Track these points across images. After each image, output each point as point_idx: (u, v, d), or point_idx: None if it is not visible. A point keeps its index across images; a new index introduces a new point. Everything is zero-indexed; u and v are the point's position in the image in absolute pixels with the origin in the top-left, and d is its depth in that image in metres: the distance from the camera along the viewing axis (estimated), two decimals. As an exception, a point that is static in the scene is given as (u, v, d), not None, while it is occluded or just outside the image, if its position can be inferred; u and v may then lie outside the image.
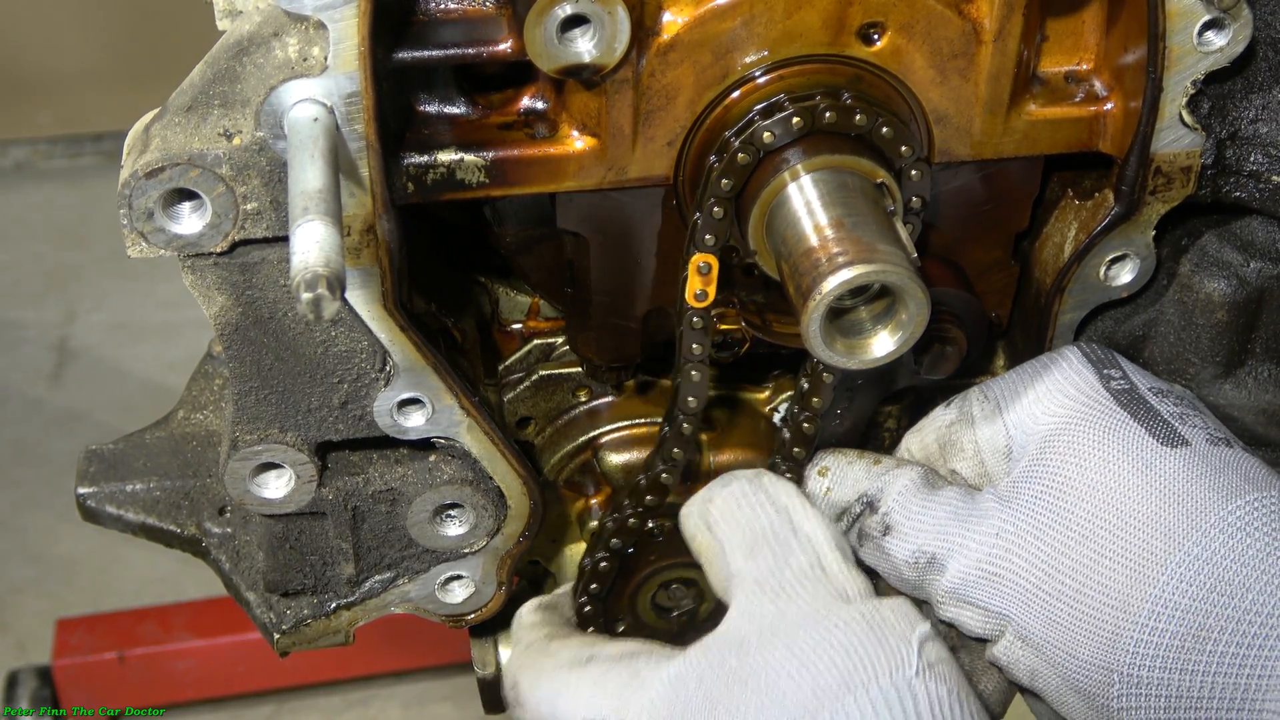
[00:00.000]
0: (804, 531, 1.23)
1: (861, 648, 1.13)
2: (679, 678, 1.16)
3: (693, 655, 1.18)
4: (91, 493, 1.45)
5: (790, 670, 1.12)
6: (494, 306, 1.48)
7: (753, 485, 1.26)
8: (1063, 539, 1.21)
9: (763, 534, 1.23)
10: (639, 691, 1.18)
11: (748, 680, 1.13)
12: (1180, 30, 1.20)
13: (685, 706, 1.14)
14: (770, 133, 1.18)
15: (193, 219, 1.15)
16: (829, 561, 1.21)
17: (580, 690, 1.22)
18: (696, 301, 1.24)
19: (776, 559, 1.21)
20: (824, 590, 1.19)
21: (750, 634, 1.17)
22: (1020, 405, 1.29)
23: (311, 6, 1.09)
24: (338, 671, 3.66)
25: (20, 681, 3.59)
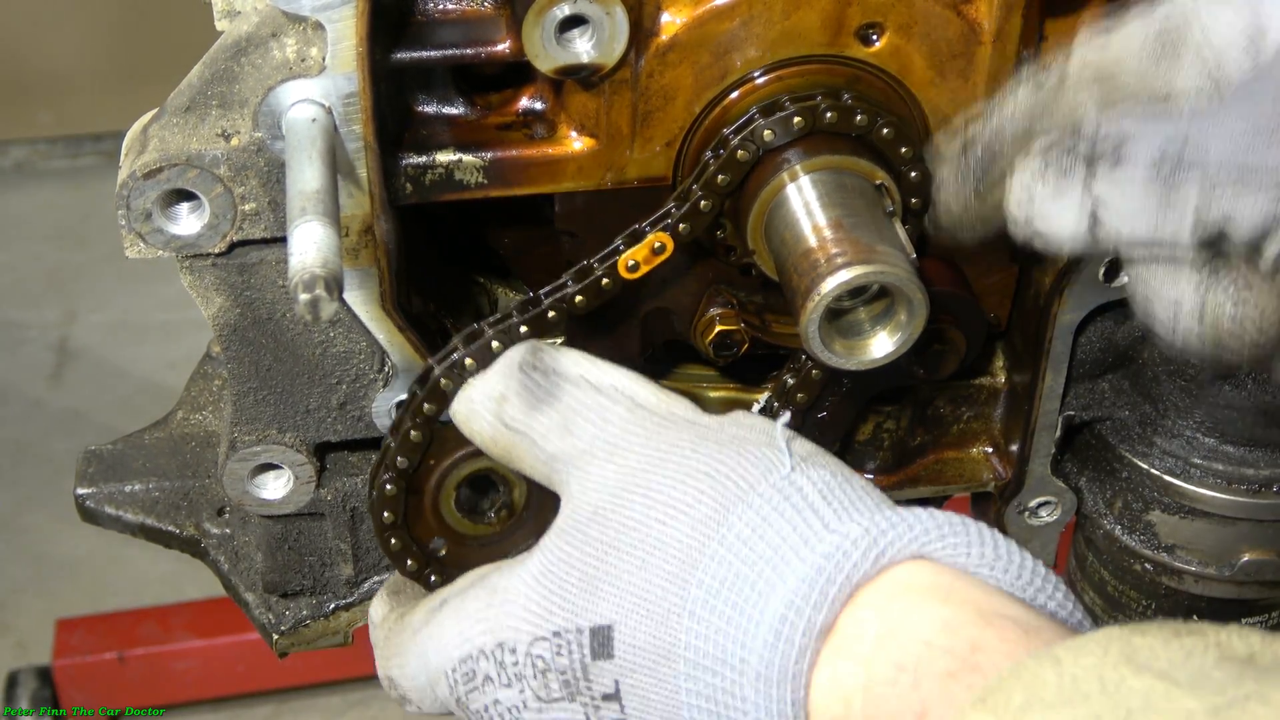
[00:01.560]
0: (606, 384, 1.11)
1: (723, 465, 1.02)
2: (544, 571, 1.06)
3: (549, 544, 1.07)
4: (90, 493, 1.45)
5: (658, 515, 1.02)
6: (493, 307, 1.48)
7: (535, 368, 1.13)
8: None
9: (570, 410, 1.10)
10: (505, 604, 1.07)
11: (618, 544, 1.03)
12: (1179, 30, 1.20)
13: (561, 596, 1.04)
14: (771, 131, 1.18)
15: (191, 220, 1.15)
16: (644, 398, 1.10)
17: (443, 635, 1.11)
18: (627, 271, 1.20)
19: (593, 423, 1.09)
20: (655, 426, 1.08)
21: (601, 501, 1.06)
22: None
23: (309, 7, 1.09)
24: (338, 671, 3.66)
25: (20, 681, 3.59)
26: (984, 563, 0.96)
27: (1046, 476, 1.44)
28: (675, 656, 0.99)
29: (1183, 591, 1.44)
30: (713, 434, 1.06)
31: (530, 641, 1.05)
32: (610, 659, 1.01)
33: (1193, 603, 1.44)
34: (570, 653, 1.03)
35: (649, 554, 1.02)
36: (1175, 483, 1.40)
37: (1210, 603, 1.44)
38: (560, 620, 1.04)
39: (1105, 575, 1.47)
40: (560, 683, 1.04)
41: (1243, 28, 1.04)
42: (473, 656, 1.09)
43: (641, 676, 1.00)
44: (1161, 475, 1.41)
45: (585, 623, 1.03)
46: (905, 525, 0.97)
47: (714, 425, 1.08)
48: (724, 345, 1.32)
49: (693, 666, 0.98)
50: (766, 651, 0.95)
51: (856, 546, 0.96)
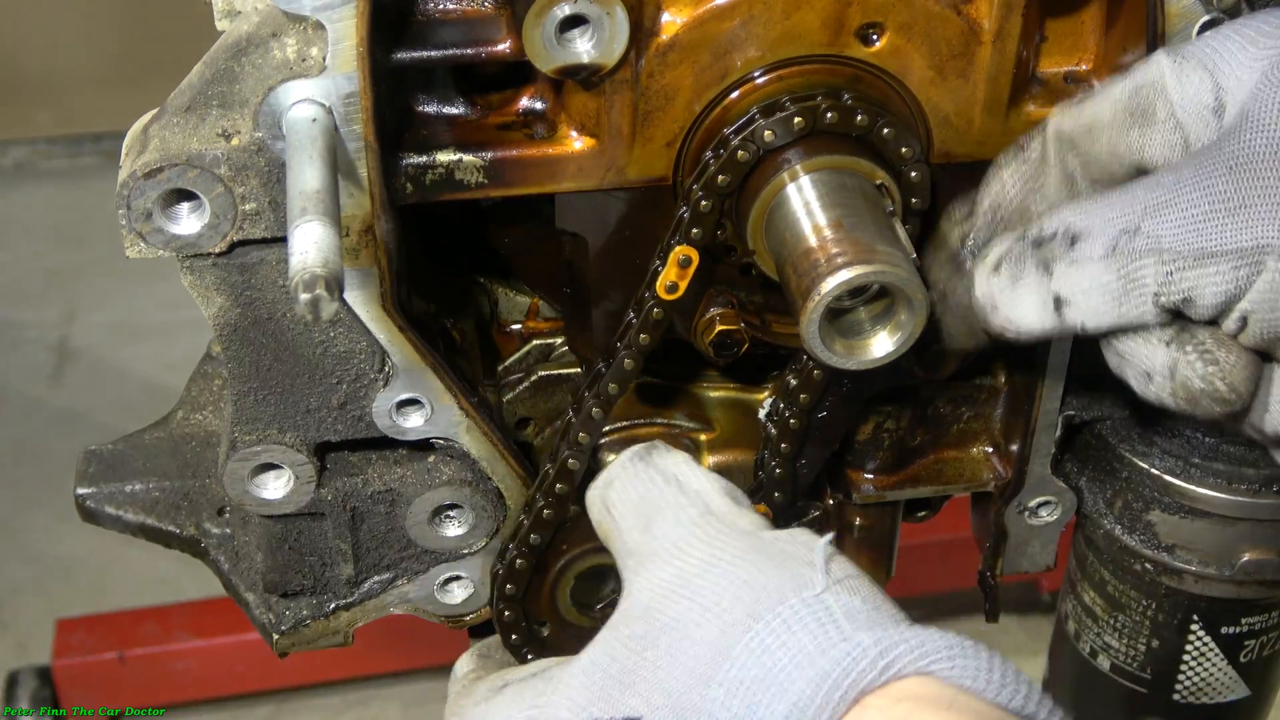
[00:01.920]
0: (692, 489, 1.19)
1: (762, 576, 1.08)
2: (591, 664, 1.13)
3: (601, 639, 1.14)
4: (90, 493, 1.45)
5: (694, 617, 1.09)
6: (493, 307, 1.48)
7: (643, 461, 1.23)
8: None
9: (654, 506, 1.19)
10: (555, 692, 1.14)
11: (658, 640, 1.09)
12: (1180, 31, 1.20)
13: (602, 687, 1.10)
14: (771, 131, 1.18)
15: (191, 219, 1.15)
16: (717, 505, 1.17)
17: (497, 714, 1.18)
18: (666, 294, 1.24)
19: (668, 523, 1.17)
20: (716, 533, 1.15)
21: (652, 599, 1.13)
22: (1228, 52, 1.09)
23: (310, 7, 1.09)
24: (338, 671, 3.66)
25: (20, 681, 3.59)
26: (990, 685, 1.00)
27: (1047, 476, 1.44)
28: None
29: (1183, 591, 1.44)
30: (764, 546, 1.12)
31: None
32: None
33: (1193, 603, 1.44)
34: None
35: (681, 652, 1.07)
36: (1175, 482, 1.40)
37: (1210, 603, 1.44)
38: (598, 709, 1.09)
39: (1105, 575, 1.47)
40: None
41: (1208, 97, 1.09)
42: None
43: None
44: (1161, 475, 1.41)
45: (619, 713, 1.08)
46: (916, 641, 1.00)
47: (768, 539, 1.13)
48: (724, 345, 1.32)
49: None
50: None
51: (866, 655, 1.00)
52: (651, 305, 1.25)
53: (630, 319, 1.26)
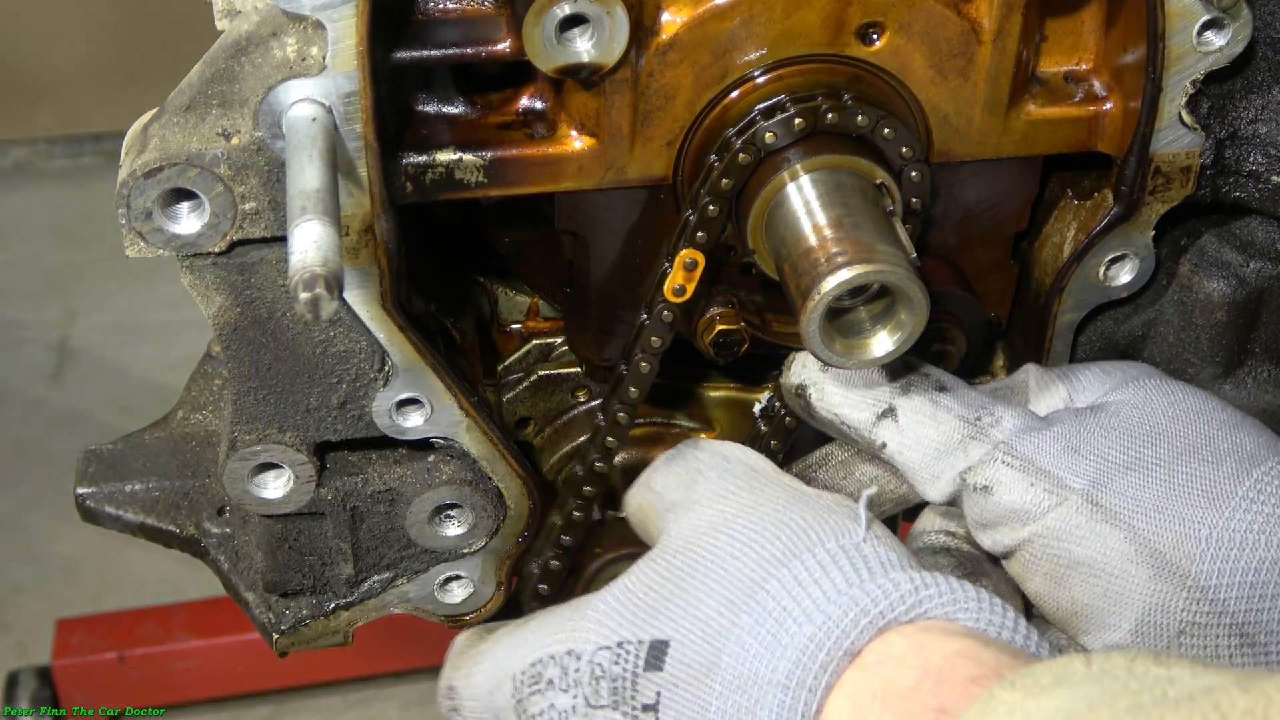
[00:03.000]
0: (735, 456, 1.22)
1: (803, 521, 1.11)
2: (625, 591, 1.14)
3: (637, 567, 1.16)
4: (90, 493, 1.45)
5: (734, 551, 1.11)
6: (493, 307, 1.48)
7: (688, 446, 1.26)
8: (1146, 433, 1.21)
9: (697, 472, 1.22)
10: (584, 619, 1.15)
11: (694, 572, 1.11)
12: (1179, 30, 1.20)
13: (634, 613, 1.12)
14: (772, 133, 1.18)
15: (191, 219, 1.15)
16: (761, 466, 1.21)
17: (520, 643, 1.19)
18: (674, 296, 1.25)
19: (710, 480, 1.20)
20: (760, 484, 1.18)
21: (692, 536, 1.15)
22: (1079, 372, 1.30)
23: (310, 6, 1.09)
24: (338, 671, 3.65)
25: (20, 681, 3.59)
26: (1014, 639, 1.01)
27: (1046, 476, 1.44)
28: (715, 676, 1.05)
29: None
30: (807, 499, 1.14)
31: (595, 650, 1.12)
32: (659, 671, 1.08)
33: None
34: (626, 662, 1.10)
35: (716, 581, 1.09)
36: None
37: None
38: (626, 632, 1.11)
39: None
40: (609, 689, 1.10)
41: (1062, 400, 1.27)
42: (543, 661, 1.15)
43: (681, 691, 1.06)
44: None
45: (647, 635, 1.10)
46: (948, 587, 1.02)
47: (812, 494, 1.16)
48: (724, 345, 1.32)
49: (725, 685, 1.04)
50: (790, 668, 1.01)
51: (898, 589, 1.02)
52: (661, 308, 1.25)
53: (644, 321, 1.26)
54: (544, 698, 1.14)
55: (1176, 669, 0.85)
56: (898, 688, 0.97)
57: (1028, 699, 0.87)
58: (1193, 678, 0.84)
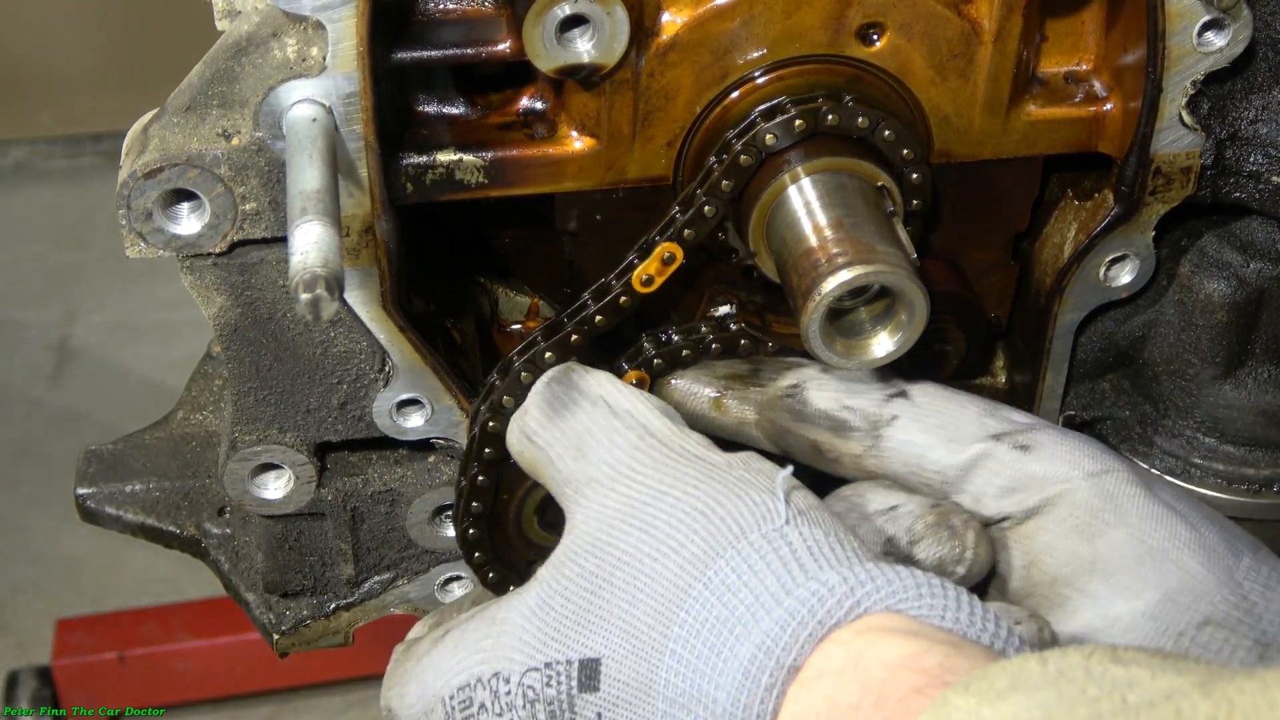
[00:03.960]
0: (623, 409, 1.14)
1: (720, 507, 1.04)
2: (540, 603, 1.09)
3: (546, 576, 1.10)
4: (90, 493, 1.45)
5: (650, 551, 1.05)
6: (493, 307, 1.48)
7: (561, 384, 1.18)
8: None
9: (584, 430, 1.14)
10: (502, 635, 1.10)
11: (612, 577, 1.06)
12: (1180, 31, 1.20)
13: (556, 627, 1.07)
14: (772, 135, 1.18)
15: (191, 219, 1.15)
16: (655, 427, 1.13)
17: (442, 664, 1.14)
18: (641, 286, 1.21)
19: (603, 446, 1.12)
20: (662, 457, 1.10)
21: (599, 532, 1.08)
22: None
23: (310, 7, 1.09)
24: (338, 671, 3.65)
25: (20, 681, 3.59)
26: (959, 623, 0.97)
27: (1047, 476, 1.44)
28: (654, 693, 1.01)
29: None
30: (718, 473, 1.08)
31: (523, 672, 1.08)
32: (595, 692, 1.04)
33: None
34: (559, 684, 1.06)
35: (639, 590, 1.04)
36: (1175, 483, 1.40)
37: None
38: (552, 651, 1.07)
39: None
40: (547, 714, 1.06)
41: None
42: (470, 685, 1.11)
43: (622, 711, 1.03)
44: (1161, 475, 1.41)
45: (575, 655, 1.06)
46: (884, 579, 0.98)
47: (721, 464, 1.09)
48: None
49: (669, 704, 1.00)
50: (735, 690, 0.97)
51: (833, 594, 0.97)
52: (620, 293, 1.22)
53: (587, 301, 1.22)
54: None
55: (1135, 669, 0.82)
56: (840, 705, 0.93)
57: (982, 704, 0.83)
58: (1152, 679, 0.81)
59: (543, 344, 1.23)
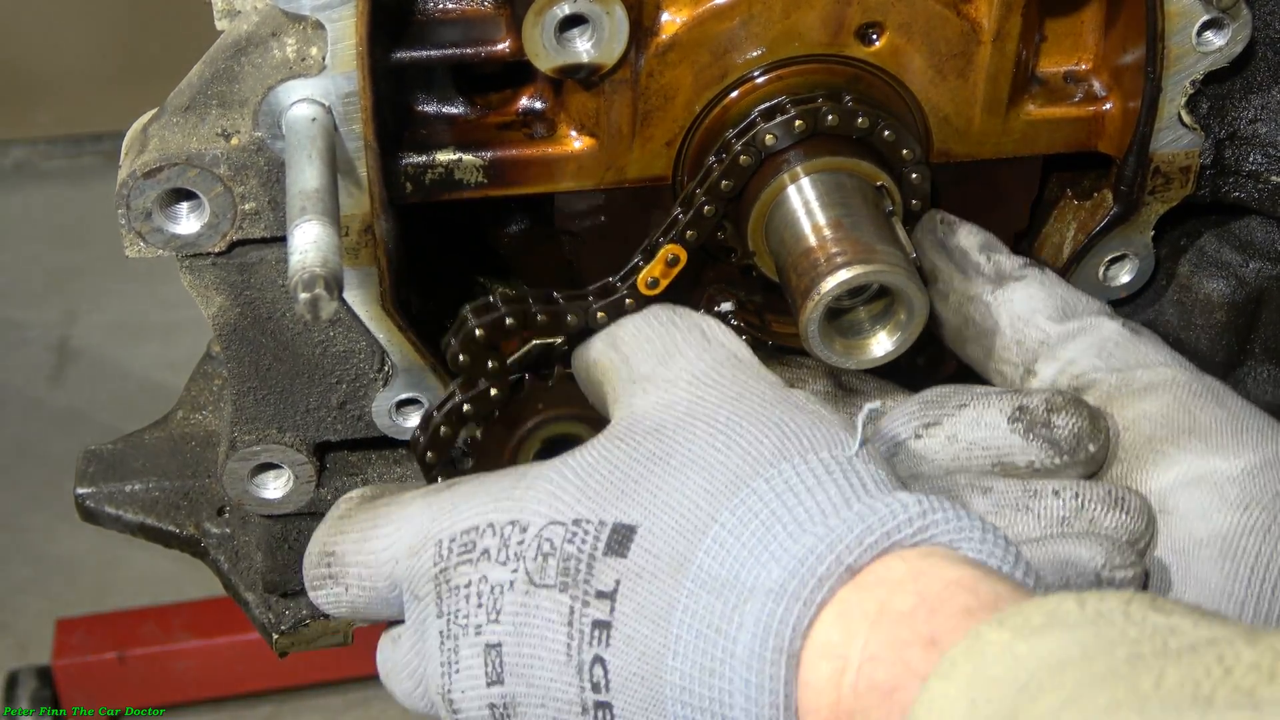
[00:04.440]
0: (718, 339, 1.11)
1: (795, 424, 1.01)
2: (585, 466, 1.03)
3: (598, 442, 1.05)
4: (90, 493, 1.45)
5: (718, 443, 1.01)
6: (493, 307, 1.47)
7: (665, 310, 1.15)
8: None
9: (674, 345, 1.11)
10: (532, 488, 1.04)
11: (669, 458, 1.01)
12: (1179, 30, 1.20)
13: (596, 490, 1.01)
14: (772, 135, 1.18)
15: (190, 219, 1.15)
16: (745, 357, 1.10)
17: (450, 505, 1.07)
18: (646, 289, 1.21)
19: (689, 358, 1.09)
20: (745, 376, 1.07)
21: (665, 419, 1.04)
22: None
23: (309, 6, 1.09)
24: (338, 671, 3.65)
25: (20, 681, 3.59)
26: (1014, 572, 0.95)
27: (1046, 476, 1.44)
28: (685, 572, 0.96)
29: (1182, 591, 1.44)
30: (796, 401, 1.05)
31: (545, 524, 1.02)
32: (623, 557, 0.99)
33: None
34: (583, 542, 1.00)
35: (695, 472, 1.00)
36: None
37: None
38: (585, 510, 1.01)
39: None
40: (559, 569, 1.00)
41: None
42: (479, 529, 1.05)
43: (646, 582, 0.97)
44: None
45: (610, 517, 1.00)
46: (955, 516, 0.95)
47: (800, 397, 1.06)
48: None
49: (698, 585, 0.95)
50: (785, 577, 0.93)
51: (906, 510, 0.94)
52: (624, 295, 1.21)
53: (593, 302, 1.21)
54: (475, 569, 1.04)
55: (1176, 617, 0.81)
56: (892, 611, 0.90)
57: (1017, 640, 0.82)
58: (1194, 628, 0.79)
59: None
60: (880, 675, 0.90)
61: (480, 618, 1.03)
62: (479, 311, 1.20)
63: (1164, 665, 0.76)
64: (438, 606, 1.05)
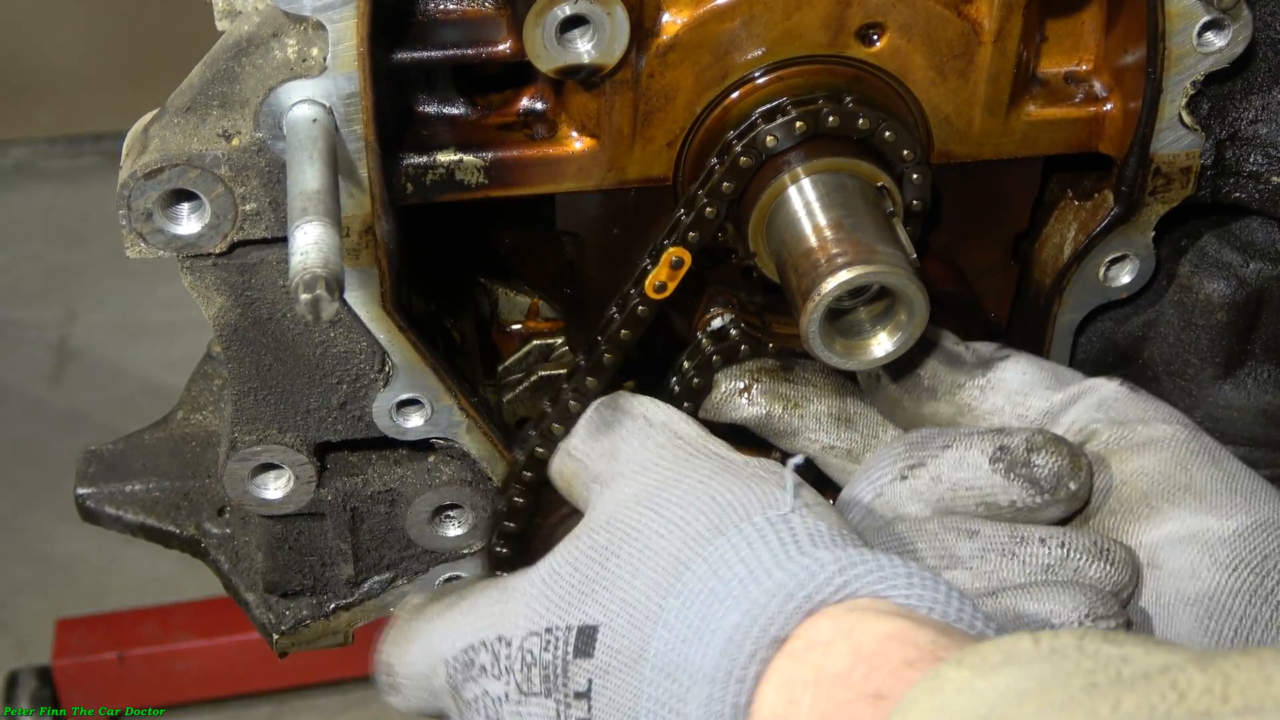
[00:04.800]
0: (659, 420, 1.19)
1: (730, 494, 1.07)
2: (551, 573, 1.12)
3: (561, 549, 1.13)
4: (90, 493, 1.45)
5: (657, 528, 1.08)
6: (493, 307, 1.48)
7: (608, 407, 1.23)
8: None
9: (620, 439, 1.19)
10: (511, 601, 1.13)
11: (620, 551, 1.08)
12: (1180, 31, 1.20)
13: (561, 595, 1.09)
14: (773, 136, 1.18)
15: (191, 220, 1.15)
16: (685, 432, 1.17)
17: (452, 626, 1.17)
18: (654, 293, 1.23)
19: (633, 447, 1.17)
20: (684, 454, 1.14)
21: (615, 512, 1.12)
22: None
23: (310, 7, 1.09)
24: (337, 671, 3.66)
25: (20, 681, 3.59)
26: (947, 617, 0.97)
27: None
28: (643, 662, 1.02)
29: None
30: (734, 468, 1.11)
31: (525, 636, 1.10)
32: (590, 658, 1.06)
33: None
34: (556, 649, 1.08)
35: (643, 562, 1.06)
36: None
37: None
38: (554, 617, 1.09)
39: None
40: (541, 677, 1.08)
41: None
42: (474, 647, 1.13)
43: (612, 678, 1.04)
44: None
45: (575, 621, 1.08)
46: (875, 564, 0.98)
47: (738, 462, 1.12)
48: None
49: (656, 672, 1.01)
50: (718, 657, 0.98)
51: (824, 570, 0.98)
52: (637, 303, 1.24)
53: (613, 314, 1.25)
54: (478, 684, 1.12)
55: (1129, 647, 0.83)
56: (829, 674, 0.93)
57: (976, 677, 0.84)
58: (1146, 656, 0.82)
59: (583, 366, 1.26)
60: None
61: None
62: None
63: (1120, 693, 0.78)
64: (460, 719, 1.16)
